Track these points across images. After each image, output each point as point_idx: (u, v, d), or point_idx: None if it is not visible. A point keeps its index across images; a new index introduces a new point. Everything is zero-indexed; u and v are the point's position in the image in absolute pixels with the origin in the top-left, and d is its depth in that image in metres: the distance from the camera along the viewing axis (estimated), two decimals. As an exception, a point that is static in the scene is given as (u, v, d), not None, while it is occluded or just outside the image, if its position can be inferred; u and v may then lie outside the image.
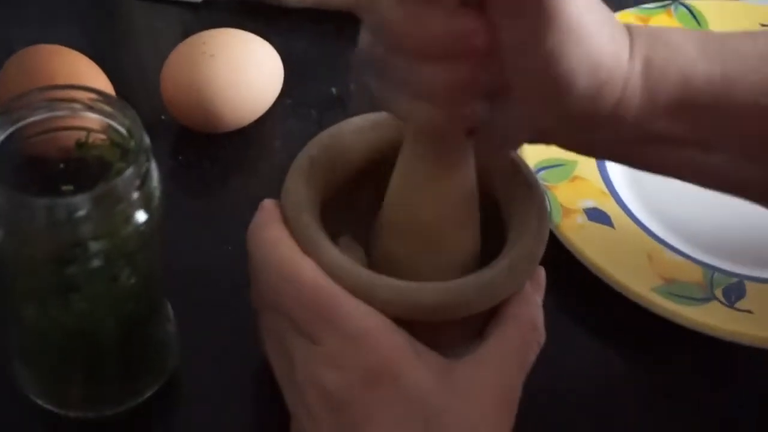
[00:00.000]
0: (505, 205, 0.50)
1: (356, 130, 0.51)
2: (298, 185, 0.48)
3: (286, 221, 0.47)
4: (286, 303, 0.46)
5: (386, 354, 0.44)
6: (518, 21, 0.40)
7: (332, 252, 0.46)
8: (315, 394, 0.45)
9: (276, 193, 0.65)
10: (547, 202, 0.49)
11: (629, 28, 0.44)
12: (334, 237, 0.48)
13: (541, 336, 0.48)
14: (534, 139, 0.47)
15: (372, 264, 0.49)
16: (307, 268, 0.45)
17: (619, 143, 0.46)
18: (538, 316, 0.48)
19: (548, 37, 0.40)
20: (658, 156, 0.47)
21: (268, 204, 0.48)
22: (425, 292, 0.45)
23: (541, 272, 0.49)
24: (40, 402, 0.54)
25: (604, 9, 0.43)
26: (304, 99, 0.70)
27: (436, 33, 0.40)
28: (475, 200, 0.48)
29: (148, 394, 0.55)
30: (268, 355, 0.49)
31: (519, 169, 0.50)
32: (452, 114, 0.43)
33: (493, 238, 0.49)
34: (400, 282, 0.45)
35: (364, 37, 0.43)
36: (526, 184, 0.49)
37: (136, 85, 0.70)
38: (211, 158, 0.67)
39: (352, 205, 0.51)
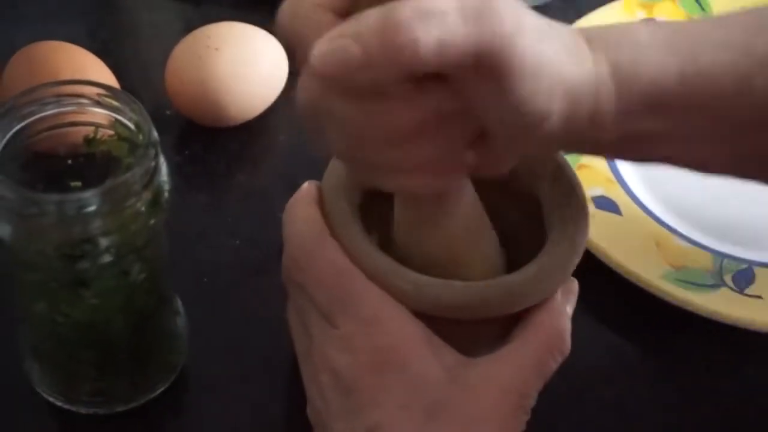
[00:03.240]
0: (547, 209, 0.49)
1: None
2: (339, 169, 0.48)
3: (322, 202, 0.48)
4: (307, 281, 0.46)
5: (397, 341, 0.44)
6: (479, 86, 0.39)
7: (360, 237, 0.46)
8: (327, 375, 0.45)
9: (282, 186, 0.66)
10: (588, 210, 0.48)
11: (587, 36, 0.43)
12: (372, 225, 0.48)
13: (566, 347, 0.47)
14: (513, 161, 0.47)
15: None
16: (330, 249, 0.46)
17: (602, 146, 0.45)
18: (566, 326, 0.47)
19: (512, 89, 0.39)
20: (641, 152, 0.46)
21: (307, 184, 0.49)
22: (446, 289, 0.45)
23: (575, 284, 0.49)
24: (51, 399, 0.54)
25: (554, 26, 0.42)
26: (308, 92, 0.70)
27: (405, 119, 0.39)
28: (481, 217, 0.48)
29: (159, 390, 0.55)
30: (291, 331, 0.49)
31: (563, 173, 0.49)
32: (437, 178, 0.42)
33: (533, 242, 0.49)
34: (422, 276, 0.45)
35: (330, 139, 0.41)
36: (567, 191, 0.49)
37: (140, 80, 0.70)
38: (216, 152, 0.67)
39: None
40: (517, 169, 0.50)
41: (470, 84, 0.39)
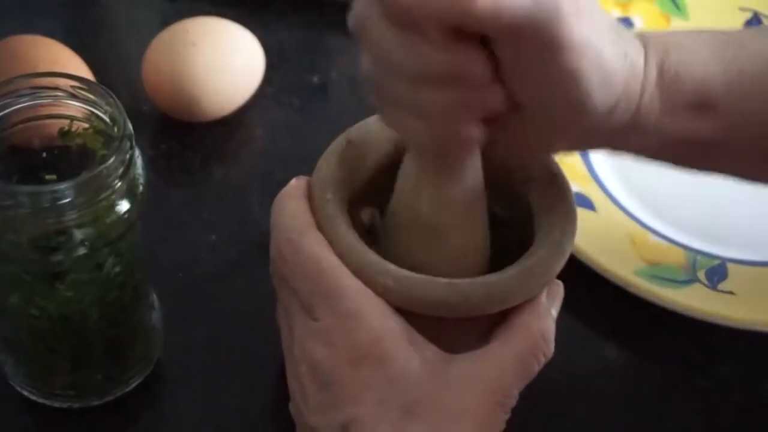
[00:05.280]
0: (536, 213, 0.50)
1: None
2: (329, 164, 0.49)
3: (311, 197, 0.48)
4: (291, 273, 0.46)
5: (376, 336, 0.44)
6: (526, 51, 0.40)
7: (346, 232, 0.46)
8: (306, 369, 0.46)
9: (258, 181, 0.66)
10: (576, 215, 0.49)
11: (642, 37, 0.45)
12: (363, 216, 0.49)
13: (549, 349, 0.47)
14: (552, 152, 0.48)
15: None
16: (315, 243, 0.46)
17: (641, 148, 0.47)
18: (550, 328, 0.47)
19: (561, 60, 0.40)
20: (684, 157, 0.48)
21: (297, 178, 0.49)
22: (428, 285, 0.45)
23: (560, 287, 0.49)
24: (25, 393, 0.54)
25: (615, 25, 0.44)
26: (285, 87, 0.70)
27: (431, 63, 0.40)
28: (480, 206, 0.48)
29: (134, 383, 0.55)
30: (279, 326, 0.49)
31: (554, 179, 0.49)
32: (449, 134, 0.43)
33: (521, 244, 0.49)
34: (405, 272, 0.46)
35: (365, 58, 0.43)
36: (558, 196, 0.49)
37: (117, 75, 0.70)
38: (193, 147, 0.67)
39: (386, 192, 0.51)
40: (511, 172, 0.50)
41: (517, 51, 0.40)
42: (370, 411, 0.44)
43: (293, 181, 0.49)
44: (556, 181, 0.49)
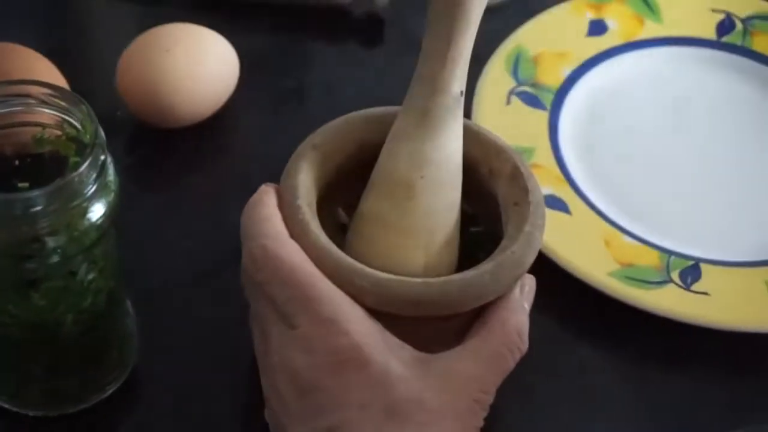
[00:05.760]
0: (503, 207, 0.50)
1: (364, 121, 0.51)
2: (298, 169, 0.49)
3: (281, 203, 0.48)
4: (266, 280, 0.46)
5: (355, 341, 0.45)
6: None
7: (319, 236, 0.47)
8: (285, 377, 0.46)
9: (235, 187, 0.66)
10: (544, 208, 0.50)
11: None
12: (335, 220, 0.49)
13: (524, 344, 0.48)
14: None
15: (349, 222, 0.50)
16: (288, 248, 0.46)
17: None
18: (524, 323, 0.48)
19: None
20: None
21: (266, 185, 0.49)
22: (404, 285, 0.46)
23: (532, 280, 0.49)
24: None
25: None
26: (260, 93, 0.70)
27: None
28: (455, 189, 0.49)
29: (110, 391, 0.55)
30: (253, 335, 0.49)
31: (519, 173, 0.50)
32: None
33: (491, 239, 0.49)
34: (381, 273, 0.46)
35: None
36: (524, 189, 0.49)
37: (91, 82, 0.70)
38: (168, 153, 0.67)
39: (353, 193, 0.51)
40: (477, 169, 0.50)
41: None
42: (354, 415, 0.44)
43: (262, 187, 0.49)
44: (522, 176, 0.50)
